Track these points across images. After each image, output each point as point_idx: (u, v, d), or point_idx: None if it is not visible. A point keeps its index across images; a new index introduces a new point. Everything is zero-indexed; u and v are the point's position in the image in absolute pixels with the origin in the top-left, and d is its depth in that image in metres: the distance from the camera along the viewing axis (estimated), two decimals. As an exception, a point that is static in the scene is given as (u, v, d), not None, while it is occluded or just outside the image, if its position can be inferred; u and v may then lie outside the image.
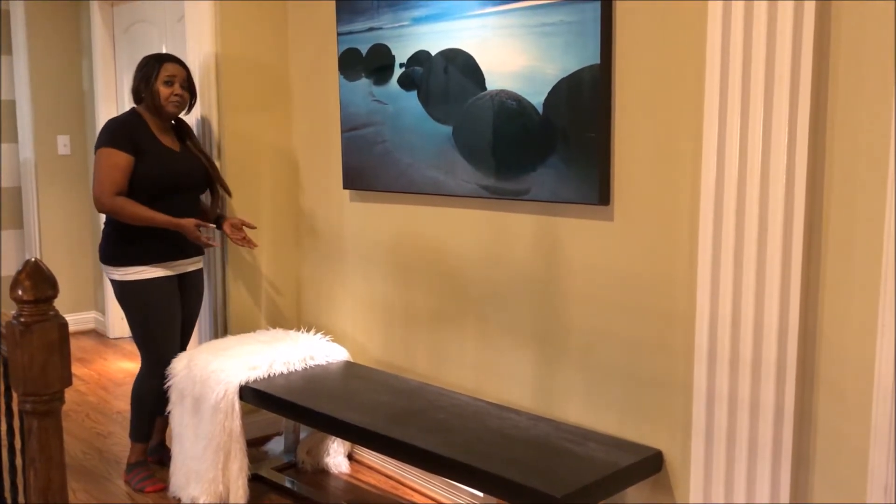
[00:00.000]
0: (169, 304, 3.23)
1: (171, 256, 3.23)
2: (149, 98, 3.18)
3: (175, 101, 3.19)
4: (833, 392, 2.03)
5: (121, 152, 3.08)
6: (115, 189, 3.07)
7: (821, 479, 2.07)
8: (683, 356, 2.32)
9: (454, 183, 2.87)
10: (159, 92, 3.16)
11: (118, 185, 3.07)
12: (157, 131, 3.22)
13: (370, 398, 2.87)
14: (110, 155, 3.08)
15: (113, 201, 3.07)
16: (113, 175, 3.07)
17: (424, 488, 3.20)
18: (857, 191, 1.94)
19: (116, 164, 3.07)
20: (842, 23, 1.93)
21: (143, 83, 3.19)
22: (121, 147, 3.09)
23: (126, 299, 3.21)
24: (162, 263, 3.20)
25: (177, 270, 3.27)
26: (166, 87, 3.17)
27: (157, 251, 3.19)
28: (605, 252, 2.50)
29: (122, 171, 3.08)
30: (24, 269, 1.79)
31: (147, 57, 3.26)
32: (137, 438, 3.33)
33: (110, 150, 3.08)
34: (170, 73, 3.17)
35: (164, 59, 3.21)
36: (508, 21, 2.63)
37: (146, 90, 3.18)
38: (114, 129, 3.16)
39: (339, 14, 3.27)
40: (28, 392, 1.80)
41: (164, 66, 3.18)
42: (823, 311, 2.02)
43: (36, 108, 5.37)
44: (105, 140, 3.12)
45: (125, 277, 3.17)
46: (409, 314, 3.21)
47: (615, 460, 2.31)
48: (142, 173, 3.12)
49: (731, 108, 2.07)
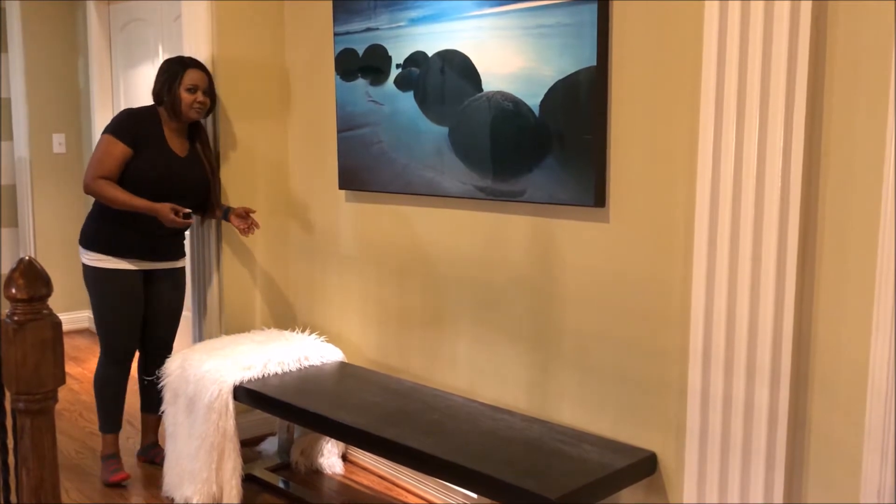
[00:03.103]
0: (129, 297, 3.27)
1: (141, 255, 3.26)
2: (170, 102, 3.22)
3: (198, 108, 3.24)
4: (827, 395, 2.03)
5: (119, 142, 3.15)
6: (102, 174, 3.14)
7: (814, 482, 2.07)
8: (678, 358, 2.32)
9: (450, 184, 2.87)
10: (182, 98, 3.21)
11: (107, 170, 3.14)
12: (170, 133, 3.27)
13: (364, 399, 2.87)
14: (109, 142, 3.16)
15: (96, 182, 3.14)
16: (105, 161, 3.14)
17: (418, 489, 3.19)
18: (853, 193, 1.95)
19: (111, 152, 3.14)
20: (838, 25, 1.93)
21: (166, 88, 3.22)
22: (121, 137, 3.15)
23: (88, 284, 3.28)
24: (129, 259, 3.24)
25: (145, 267, 3.30)
26: (189, 93, 3.21)
27: (128, 246, 3.22)
28: (601, 254, 2.50)
29: (115, 160, 3.14)
30: (17, 268, 1.79)
31: (169, 61, 3.30)
32: (102, 429, 3.38)
33: (110, 138, 3.16)
34: (193, 80, 3.22)
35: (188, 65, 3.25)
36: (505, 22, 2.63)
37: (168, 94, 3.22)
38: (123, 118, 3.24)
39: (336, 14, 3.27)
40: (21, 391, 1.80)
41: (188, 73, 3.22)
42: (818, 313, 2.03)
43: (31, 106, 5.36)
44: (110, 127, 3.21)
45: (91, 262, 3.25)
46: (404, 315, 3.21)
47: (609, 462, 2.31)
48: (137, 170, 3.16)
49: (727, 111, 2.07)
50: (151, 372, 3.40)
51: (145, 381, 3.46)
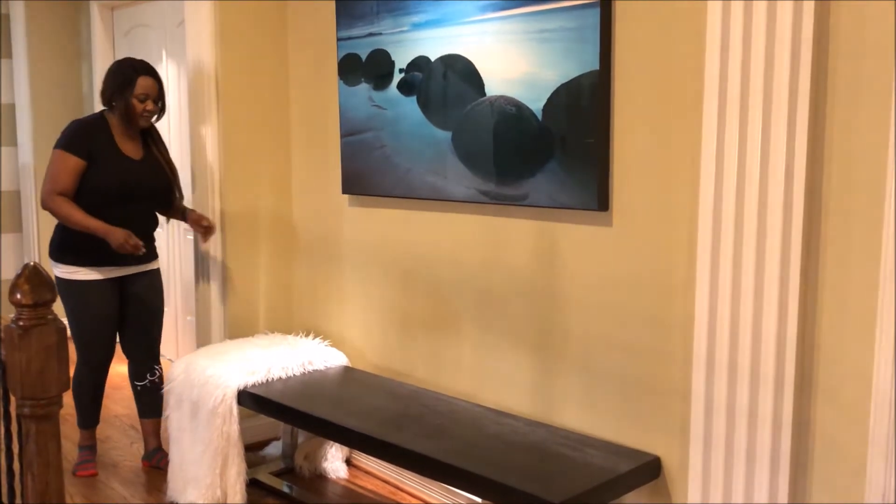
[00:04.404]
0: (102, 307, 3.29)
1: (110, 262, 3.26)
2: (121, 107, 3.23)
3: (146, 116, 3.26)
4: (831, 399, 2.03)
5: (72, 156, 3.16)
6: (59, 190, 3.15)
7: (818, 486, 2.07)
8: (681, 362, 2.32)
9: (453, 188, 2.87)
10: (133, 106, 3.22)
11: (63, 186, 3.15)
12: (121, 138, 3.27)
13: (368, 403, 2.87)
14: (63, 158, 3.16)
15: (52, 200, 3.15)
16: (60, 177, 3.15)
17: (422, 493, 3.19)
18: (856, 196, 1.95)
19: (65, 167, 3.15)
20: (840, 26, 1.94)
21: (118, 93, 3.23)
22: (74, 151, 3.16)
23: (62, 295, 3.27)
24: (97, 268, 3.25)
25: (116, 274, 3.31)
26: (140, 102, 3.22)
27: (96, 256, 3.23)
28: (604, 258, 2.50)
29: (70, 175, 3.16)
30: (22, 273, 1.80)
31: (120, 63, 3.29)
32: (79, 424, 3.52)
33: (62, 153, 3.17)
34: (144, 88, 3.22)
35: (140, 72, 3.23)
36: (508, 27, 2.63)
37: (119, 100, 3.23)
38: (73, 131, 3.23)
39: (339, 19, 3.27)
40: (26, 396, 1.80)
41: (140, 81, 3.22)
42: (821, 318, 2.03)
43: (35, 111, 5.37)
44: (61, 141, 3.20)
45: (63, 275, 3.27)
46: (408, 319, 3.21)
47: (613, 466, 2.31)
48: (93, 180, 3.18)
49: (730, 115, 2.07)
50: (142, 377, 3.44)
51: (138, 388, 3.49)
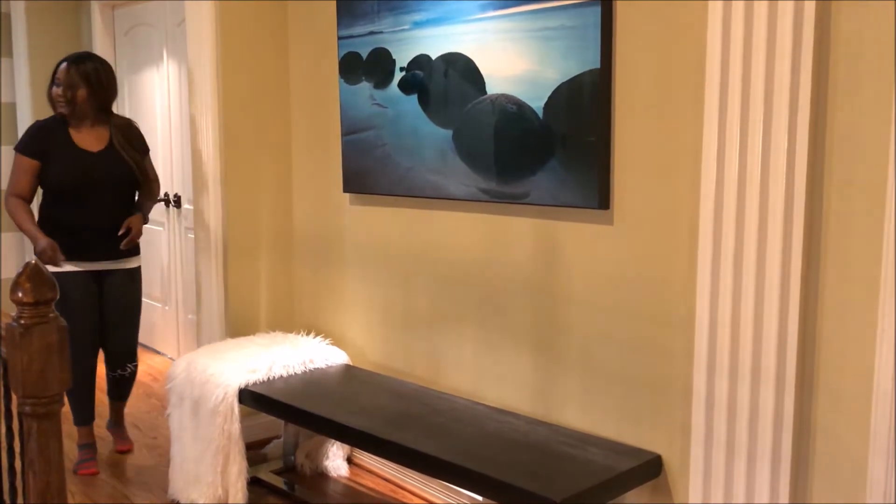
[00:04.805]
0: (82, 298, 3.37)
1: (86, 257, 3.35)
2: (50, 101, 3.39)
3: (61, 103, 3.35)
4: (832, 397, 2.03)
5: (25, 158, 3.33)
6: (15, 192, 3.32)
7: (820, 484, 2.07)
8: (683, 360, 2.32)
9: (454, 186, 2.87)
10: (51, 93, 3.37)
11: (20, 188, 3.32)
12: (77, 133, 3.36)
13: (369, 401, 2.87)
14: (18, 160, 3.35)
15: (8, 202, 3.34)
16: (16, 177, 3.33)
17: (423, 492, 3.19)
18: (857, 195, 1.94)
19: (20, 168, 3.33)
20: (841, 27, 1.93)
21: (49, 88, 3.38)
22: (27, 152, 3.33)
23: None
24: (74, 261, 3.32)
25: (93, 268, 3.39)
26: (56, 88, 3.35)
27: (73, 248, 3.31)
28: (605, 256, 2.50)
29: (26, 175, 3.32)
30: (24, 272, 1.80)
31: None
32: (74, 422, 3.56)
33: (18, 156, 3.37)
34: (59, 76, 3.35)
35: (61, 62, 3.37)
36: (509, 25, 2.63)
37: (49, 94, 3.39)
38: (27, 134, 3.43)
39: (340, 18, 3.27)
40: (27, 394, 1.80)
41: (59, 70, 3.35)
42: (823, 316, 2.02)
43: (36, 110, 5.36)
44: (18, 145, 3.40)
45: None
46: (409, 317, 3.21)
47: (614, 464, 2.31)
48: (50, 175, 3.32)
49: (731, 113, 2.07)
50: (115, 370, 3.56)
51: (110, 376, 3.60)
